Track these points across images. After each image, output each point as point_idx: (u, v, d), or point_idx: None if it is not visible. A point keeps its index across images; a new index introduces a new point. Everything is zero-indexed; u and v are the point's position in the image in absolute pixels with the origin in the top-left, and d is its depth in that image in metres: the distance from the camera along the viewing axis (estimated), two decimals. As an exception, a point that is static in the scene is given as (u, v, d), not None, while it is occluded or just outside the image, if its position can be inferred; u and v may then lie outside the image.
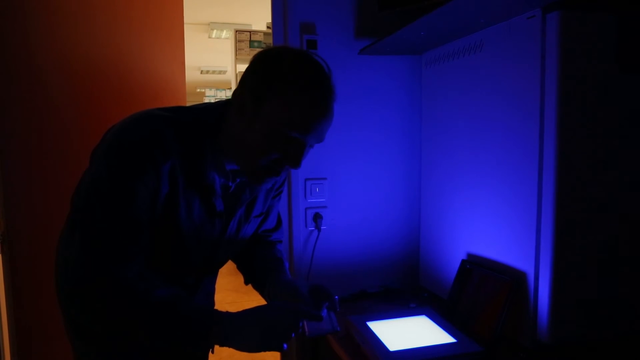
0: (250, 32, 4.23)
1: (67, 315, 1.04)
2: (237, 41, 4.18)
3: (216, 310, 0.93)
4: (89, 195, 0.89)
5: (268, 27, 4.24)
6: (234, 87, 4.49)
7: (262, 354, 1.02)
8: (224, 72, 8.09)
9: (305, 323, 1.06)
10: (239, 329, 0.90)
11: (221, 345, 0.90)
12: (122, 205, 0.87)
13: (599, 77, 1.08)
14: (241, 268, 1.28)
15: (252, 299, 3.93)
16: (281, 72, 0.90)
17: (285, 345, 0.90)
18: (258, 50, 3.70)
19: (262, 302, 1.10)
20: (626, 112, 1.11)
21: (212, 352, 0.97)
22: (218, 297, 1.29)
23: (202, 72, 8.11)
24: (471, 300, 1.31)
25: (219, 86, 8.39)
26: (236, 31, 4.20)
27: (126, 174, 0.87)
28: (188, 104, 1.15)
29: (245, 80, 0.95)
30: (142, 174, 0.87)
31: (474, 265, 1.35)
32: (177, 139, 0.92)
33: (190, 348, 0.90)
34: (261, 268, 1.21)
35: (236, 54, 4.18)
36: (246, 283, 1.27)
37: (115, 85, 1.84)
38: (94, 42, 1.80)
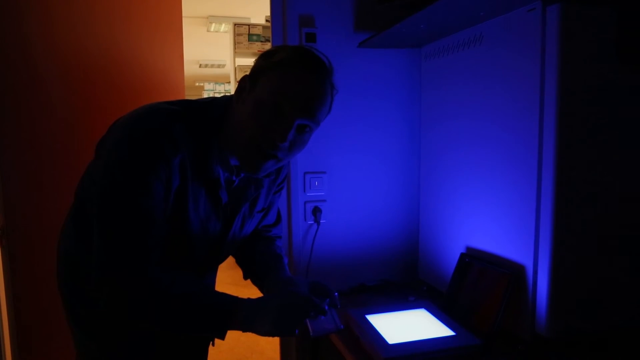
0: (249, 25, 4.21)
1: (68, 307, 1.05)
2: (236, 35, 4.16)
3: (236, 297, 0.95)
4: (104, 191, 0.89)
5: (267, 21, 4.22)
6: (232, 80, 4.47)
7: (262, 347, 1.03)
8: (223, 65, 8.06)
9: (308, 323, 1.06)
10: (258, 313, 0.92)
11: (243, 330, 0.92)
12: (139, 199, 0.87)
13: (599, 69, 1.08)
14: (240, 262, 1.28)
15: (252, 293, 3.93)
16: (275, 56, 0.94)
17: (297, 331, 0.93)
18: (257, 43, 3.68)
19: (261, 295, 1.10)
20: (626, 105, 1.11)
21: (213, 344, 0.98)
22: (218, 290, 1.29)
23: (200, 65, 8.08)
24: (470, 293, 1.31)
25: (217, 80, 8.36)
26: (235, 24, 4.18)
27: (140, 168, 0.87)
28: (187, 98, 1.15)
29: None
30: (155, 168, 0.88)
31: (472, 258, 1.35)
32: (185, 132, 0.92)
33: (212, 334, 0.93)
34: (260, 264, 1.22)
35: (235, 48, 4.16)
36: (245, 278, 1.27)
37: (114, 80, 1.83)
38: (92, 36, 1.79)
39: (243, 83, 0.97)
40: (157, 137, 0.88)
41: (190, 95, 1.26)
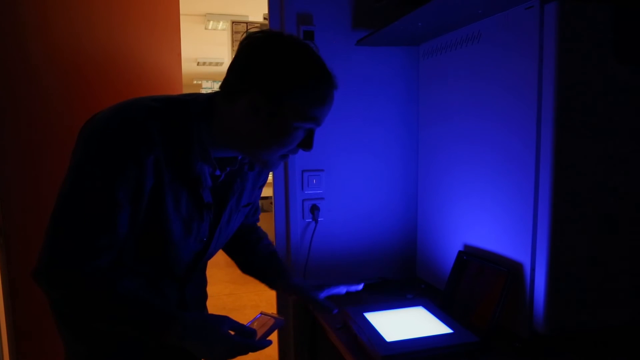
0: (247, 23, 4.21)
1: (54, 309, 1.05)
2: (234, 32, 4.16)
3: (174, 311, 0.93)
4: (67, 186, 0.89)
5: (265, 19, 4.21)
6: (230, 78, 4.46)
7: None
8: (221, 63, 8.05)
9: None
10: (195, 338, 0.91)
11: (181, 345, 0.92)
12: (97, 200, 0.87)
13: (596, 67, 1.08)
14: (235, 258, 1.31)
15: (250, 290, 3.94)
16: (292, 71, 0.91)
17: None
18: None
19: (260, 293, 1.10)
20: (624, 103, 1.11)
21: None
22: (216, 288, 1.30)
23: (198, 63, 8.07)
24: (468, 291, 1.32)
25: (215, 78, 8.35)
26: (233, 22, 4.19)
27: (105, 167, 0.86)
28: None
29: (249, 77, 0.92)
30: (123, 167, 0.87)
31: (470, 256, 1.36)
32: (162, 130, 0.90)
33: (151, 340, 0.93)
34: (265, 266, 1.29)
35: (233, 46, 4.16)
36: (243, 272, 1.30)
37: (111, 77, 1.83)
38: (89, 33, 1.79)
39: (253, 98, 0.91)
40: (128, 136, 0.87)
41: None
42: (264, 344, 0.97)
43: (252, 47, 0.93)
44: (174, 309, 0.95)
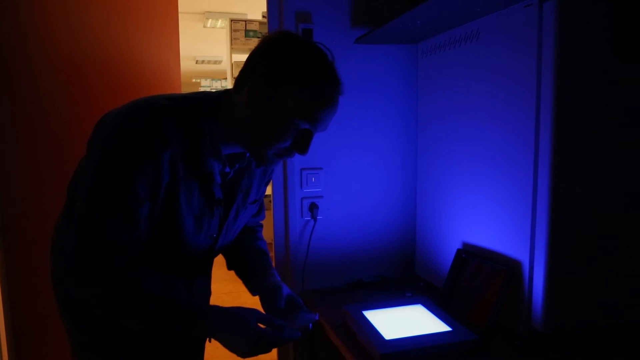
0: (245, 21, 4.21)
1: (61, 302, 1.05)
2: (233, 31, 4.16)
3: (202, 305, 0.94)
4: (89, 184, 0.89)
5: (263, 17, 4.21)
6: (229, 77, 4.46)
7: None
8: (220, 62, 8.05)
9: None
10: (223, 331, 0.93)
11: (208, 338, 0.93)
12: (120, 196, 0.88)
13: (595, 65, 1.08)
14: (225, 253, 1.30)
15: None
16: (295, 65, 0.92)
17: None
18: (254, 39, 3.65)
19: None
20: (623, 101, 1.11)
21: (210, 341, 0.98)
22: (215, 287, 1.30)
23: (197, 62, 8.06)
24: (466, 289, 1.32)
25: (214, 76, 8.34)
26: (231, 20, 4.18)
27: (125, 164, 0.88)
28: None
29: (255, 66, 0.95)
30: (142, 164, 0.88)
31: (469, 254, 1.36)
32: (177, 127, 0.92)
33: (178, 338, 0.92)
34: (246, 262, 1.26)
35: (231, 44, 4.16)
36: (229, 268, 1.30)
37: (110, 76, 1.83)
38: (87, 31, 1.78)
39: (253, 86, 0.93)
40: (146, 133, 0.88)
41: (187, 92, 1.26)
42: (293, 335, 0.98)
43: (265, 43, 0.95)
44: (202, 304, 0.96)
